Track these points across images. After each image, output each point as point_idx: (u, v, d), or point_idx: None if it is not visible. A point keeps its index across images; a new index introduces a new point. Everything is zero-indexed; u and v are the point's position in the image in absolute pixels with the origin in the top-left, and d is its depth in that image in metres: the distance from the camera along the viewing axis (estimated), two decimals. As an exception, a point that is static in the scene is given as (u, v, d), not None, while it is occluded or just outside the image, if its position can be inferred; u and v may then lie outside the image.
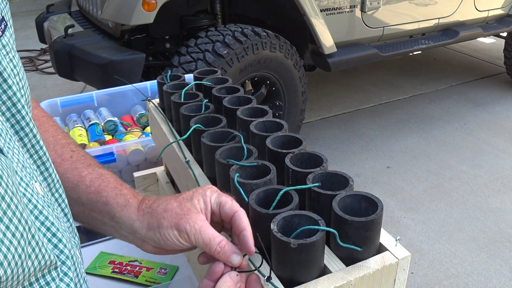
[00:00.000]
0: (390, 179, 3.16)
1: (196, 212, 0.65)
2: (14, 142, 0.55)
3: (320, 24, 2.96)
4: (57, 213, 0.59)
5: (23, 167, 0.54)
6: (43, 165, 0.60)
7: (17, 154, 0.54)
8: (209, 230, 0.63)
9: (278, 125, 0.87)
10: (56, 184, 0.62)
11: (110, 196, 0.70)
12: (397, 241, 0.68)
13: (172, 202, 0.66)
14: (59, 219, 0.59)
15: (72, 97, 1.74)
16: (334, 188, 0.70)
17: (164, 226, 0.65)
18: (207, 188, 0.68)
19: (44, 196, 0.56)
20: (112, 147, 1.35)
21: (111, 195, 0.70)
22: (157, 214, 0.66)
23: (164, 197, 0.69)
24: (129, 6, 2.53)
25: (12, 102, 0.55)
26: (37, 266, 0.49)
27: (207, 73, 1.15)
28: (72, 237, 0.61)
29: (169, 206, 0.66)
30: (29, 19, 6.52)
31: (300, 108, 3.09)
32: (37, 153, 0.59)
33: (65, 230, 0.59)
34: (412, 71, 4.93)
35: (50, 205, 0.57)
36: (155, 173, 1.33)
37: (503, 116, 3.99)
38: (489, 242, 2.60)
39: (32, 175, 0.56)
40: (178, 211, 0.65)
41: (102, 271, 1.12)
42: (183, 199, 0.67)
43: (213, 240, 0.63)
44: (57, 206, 0.61)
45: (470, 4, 3.75)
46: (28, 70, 5.13)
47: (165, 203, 0.67)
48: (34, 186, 0.54)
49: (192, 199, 0.66)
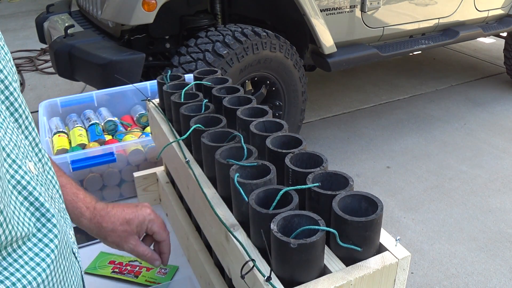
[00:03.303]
0: (390, 179, 3.16)
1: (133, 235, 0.91)
2: (9, 123, 0.58)
3: (320, 24, 2.96)
4: (51, 193, 0.63)
5: (15, 146, 0.57)
6: (37, 146, 0.65)
7: (11, 134, 0.57)
8: (140, 248, 0.92)
9: (278, 125, 0.87)
10: (47, 166, 0.67)
11: (68, 208, 0.85)
12: (397, 241, 0.68)
13: (117, 225, 0.89)
14: (53, 198, 0.64)
15: (72, 97, 1.74)
16: (334, 188, 0.70)
17: (108, 241, 0.91)
18: (147, 216, 0.93)
19: (38, 176, 0.60)
20: (112, 147, 1.35)
21: (69, 207, 0.86)
22: (104, 231, 0.89)
23: (111, 216, 0.89)
24: (129, 6, 2.53)
25: (4, 85, 0.59)
26: (4, 240, 0.52)
27: (207, 73, 1.15)
28: (66, 218, 0.69)
29: (115, 228, 0.89)
30: (29, 19, 6.52)
31: (300, 108, 3.09)
32: (31, 134, 0.64)
33: (60, 210, 0.66)
34: (412, 71, 4.93)
35: (43, 184, 0.62)
36: (155, 173, 1.33)
37: (503, 116, 3.99)
38: (489, 242, 2.60)
39: (26, 154, 0.60)
40: (120, 233, 0.90)
41: (102, 271, 1.12)
42: (127, 223, 0.90)
43: (143, 254, 0.93)
44: (52, 187, 0.66)
45: (470, 4, 3.75)
46: (28, 70, 5.13)
47: (112, 224, 0.89)
48: (27, 165, 0.58)
49: (132, 224, 0.91)
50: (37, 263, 0.56)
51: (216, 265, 0.96)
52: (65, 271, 0.61)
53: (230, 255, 0.75)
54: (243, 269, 0.66)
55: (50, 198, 0.62)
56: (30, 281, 0.54)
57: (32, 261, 0.55)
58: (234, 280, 0.76)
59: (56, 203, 0.65)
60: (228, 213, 0.78)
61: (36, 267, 0.55)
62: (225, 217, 0.77)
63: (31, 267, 0.55)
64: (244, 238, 0.72)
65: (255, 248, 0.69)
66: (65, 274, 0.61)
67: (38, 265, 0.56)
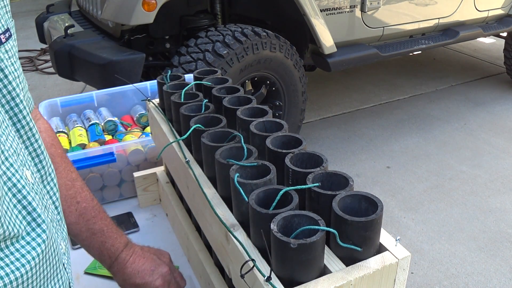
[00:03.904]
0: (390, 179, 3.16)
1: None
2: (10, 131, 0.61)
3: (320, 24, 2.96)
4: (45, 203, 0.65)
5: (15, 153, 0.59)
6: (37, 157, 0.68)
7: (11, 141, 0.60)
8: None
9: (278, 125, 0.87)
10: (48, 178, 0.69)
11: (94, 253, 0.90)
12: (397, 241, 0.68)
13: (136, 278, 0.88)
14: (47, 208, 0.65)
15: (72, 97, 1.74)
16: (334, 188, 0.70)
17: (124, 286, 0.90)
18: (165, 275, 0.90)
19: (34, 184, 0.63)
20: (112, 147, 1.35)
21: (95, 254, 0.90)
22: (124, 278, 0.89)
23: (136, 265, 0.89)
24: (129, 6, 2.53)
25: (11, 96, 0.62)
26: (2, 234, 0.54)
27: (207, 73, 1.15)
28: (60, 230, 0.71)
29: (132, 280, 0.88)
30: (29, 19, 6.52)
31: (300, 108, 3.09)
32: (32, 145, 0.66)
33: (53, 220, 0.67)
34: (412, 71, 4.92)
35: (38, 193, 0.63)
36: (155, 173, 1.33)
37: (503, 116, 3.98)
38: (489, 242, 2.60)
39: (24, 162, 0.62)
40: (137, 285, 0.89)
41: (102, 271, 1.12)
42: (145, 274, 0.89)
43: None
44: (48, 198, 0.68)
45: (470, 4, 3.75)
46: (28, 70, 5.13)
47: (133, 276, 0.88)
48: (24, 172, 0.60)
49: (150, 278, 0.89)
50: (22, 264, 0.57)
51: (216, 265, 0.96)
52: (49, 278, 0.62)
53: (230, 255, 0.75)
54: (243, 269, 0.66)
55: (44, 207, 0.64)
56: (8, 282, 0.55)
57: (18, 261, 0.57)
58: (234, 280, 0.76)
59: (50, 213, 0.66)
60: (228, 213, 0.78)
61: (20, 268, 0.57)
62: (225, 217, 0.77)
63: (15, 266, 0.56)
64: (244, 238, 0.72)
65: (255, 248, 0.69)
66: (49, 281, 0.62)
67: (23, 266, 0.57)
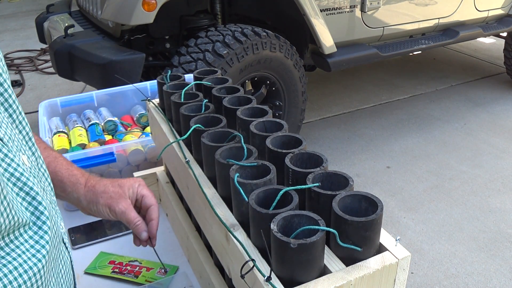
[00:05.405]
0: (390, 179, 3.16)
1: (125, 198, 0.91)
2: (3, 117, 0.61)
3: (320, 24, 2.96)
4: (43, 185, 0.67)
5: (10, 139, 0.60)
6: (30, 140, 0.69)
7: (5, 127, 0.61)
8: (131, 213, 0.91)
9: (278, 125, 0.87)
10: (40, 160, 0.70)
11: (64, 176, 0.91)
12: (397, 241, 0.68)
13: (110, 187, 0.91)
14: (45, 190, 0.66)
15: (72, 97, 1.74)
16: (334, 188, 0.70)
17: (100, 203, 0.90)
18: (137, 181, 0.95)
19: (31, 168, 0.63)
20: (112, 147, 1.35)
21: (65, 175, 0.91)
22: (97, 194, 0.90)
23: (104, 181, 0.93)
24: (129, 6, 2.53)
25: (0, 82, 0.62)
26: (8, 225, 0.55)
27: (207, 73, 1.15)
28: (57, 209, 0.72)
29: (107, 189, 0.91)
30: (29, 19, 6.52)
31: (300, 108, 3.09)
32: (24, 129, 0.68)
33: (51, 202, 0.68)
34: (412, 71, 4.92)
35: (36, 176, 0.64)
36: (155, 173, 1.33)
37: (503, 116, 3.98)
38: (489, 242, 2.60)
39: (19, 147, 0.63)
40: (112, 195, 0.91)
41: (102, 271, 1.12)
42: (118, 185, 0.92)
43: (133, 219, 0.91)
44: (45, 180, 0.69)
45: (470, 4, 3.75)
46: (28, 70, 5.13)
47: (103, 186, 0.91)
48: (21, 158, 0.61)
49: (124, 187, 0.92)
50: (38, 250, 0.58)
51: (216, 265, 0.96)
52: (56, 260, 0.64)
53: (230, 255, 0.75)
54: (243, 269, 0.66)
55: (42, 190, 0.65)
56: (30, 266, 0.56)
57: (33, 248, 0.58)
58: (234, 280, 0.76)
59: (48, 195, 0.67)
60: (228, 213, 0.78)
61: (36, 254, 0.58)
62: (225, 217, 0.77)
63: (31, 254, 0.57)
64: (244, 238, 0.72)
65: (255, 248, 0.69)
66: (57, 263, 0.64)
67: (39, 252, 0.58)
